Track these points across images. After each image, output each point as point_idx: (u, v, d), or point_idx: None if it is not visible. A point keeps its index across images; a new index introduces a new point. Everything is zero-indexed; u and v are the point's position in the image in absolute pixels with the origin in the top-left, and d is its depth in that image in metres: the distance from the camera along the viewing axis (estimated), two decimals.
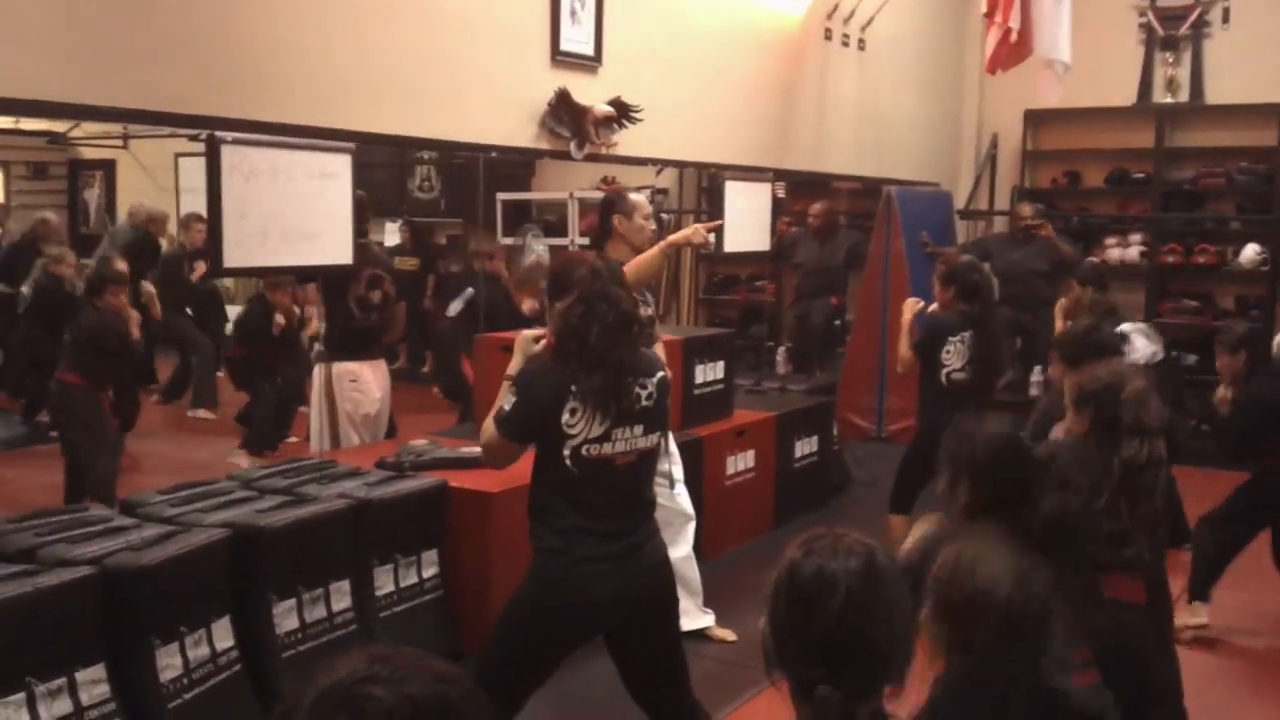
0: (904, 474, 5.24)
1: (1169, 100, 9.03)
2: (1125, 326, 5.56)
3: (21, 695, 2.97)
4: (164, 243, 8.92)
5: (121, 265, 6.49)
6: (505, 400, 2.94)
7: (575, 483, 2.89)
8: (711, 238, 4.38)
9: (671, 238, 4.38)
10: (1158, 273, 8.94)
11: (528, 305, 7.02)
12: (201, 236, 7.93)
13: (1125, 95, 9.04)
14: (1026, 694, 1.95)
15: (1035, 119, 9.34)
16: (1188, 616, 4.74)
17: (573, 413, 2.86)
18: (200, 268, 7.73)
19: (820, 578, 1.64)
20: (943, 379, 5.06)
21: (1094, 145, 9.27)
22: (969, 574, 1.97)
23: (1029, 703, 1.95)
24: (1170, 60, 9.03)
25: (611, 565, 2.92)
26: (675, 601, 3.22)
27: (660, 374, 3.07)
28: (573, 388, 2.86)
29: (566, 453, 2.88)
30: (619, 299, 2.94)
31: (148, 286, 6.07)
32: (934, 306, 5.23)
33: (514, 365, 3.02)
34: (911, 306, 5.26)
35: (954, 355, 5.05)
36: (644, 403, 2.96)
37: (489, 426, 2.97)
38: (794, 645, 1.65)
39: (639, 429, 2.96)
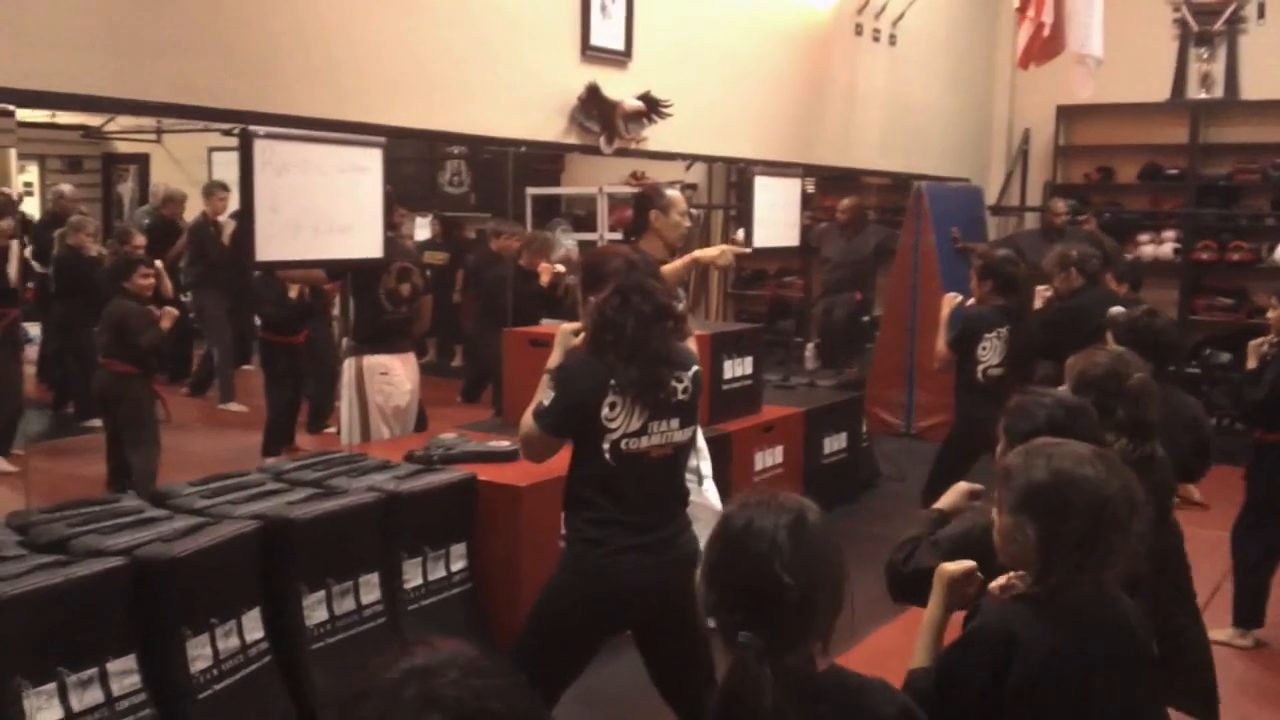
0: (940, 467, 5.19)
1: (1203, 95, 8.94)
2: None
3: (53, 685, 3.00)
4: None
5: (138, 240, 6.52)
6: (544, 394, 2.93)
7: (613, 476, 2.89)
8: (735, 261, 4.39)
9: (700, 254, 4.37)
10: (1191, 269, 8.85)
11: (545, 274, 6.93)
12: (224, 205, 8.01)
13: (1159, 90, 8.96)
14: (1100, 603, 1.96)
15: (1067, 114, 9.27)
16: (1235, 638, 4.62)
17: (612, 406, 2.86)
18: (228, 227, 7.73)
19: (749, 529, 1.73)
20: (979, 374, 5.01)
21: (1127, 141, 9.18)
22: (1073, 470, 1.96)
23: (1100, 615, 1.96)
24: (1205, 55, 8.93)
25: (645, 557, 2.92)
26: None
27: (695, 368, 3.06)
28: (612, 381, 2.86)
29: (606, 446, 2.88)
30: (654, 290, 2.93)
31: (157, 265, 6.08)
32: (971, 300, 5.19)
33: (554, 359, 3.01)
34: (949, 302, 5.22)
35: (990, 351, 5.00)
36: (680, 396, 2.97)
37: (528, 420, 2.96)
38: (719, 591, 1.76)
39: (675, 422, 2.96)
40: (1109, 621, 1.98)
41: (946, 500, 2.52)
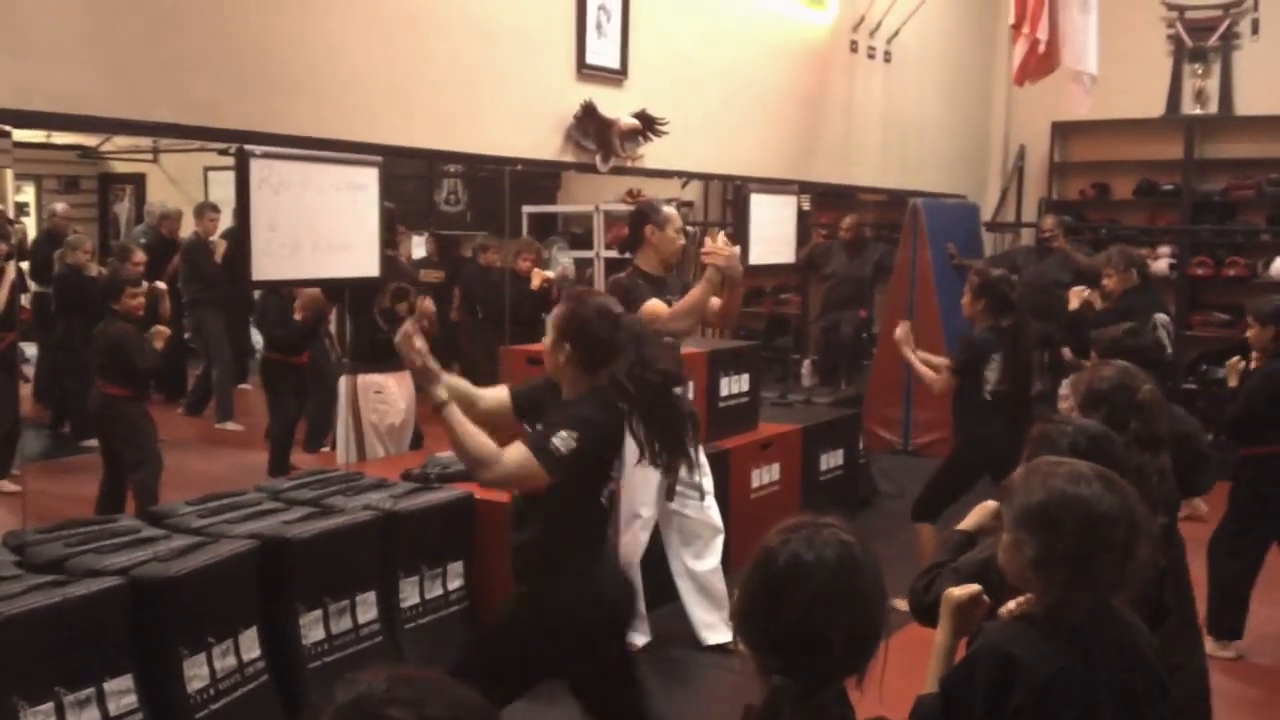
0: (940, 483, 5.19)
1: (1198, 111, 8.98)
2: None
3: (50, 705, 2.99)
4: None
5: (138, 257, 6.51)
6: (558, 439, 2.79)
7: (601, 522, 2.96)
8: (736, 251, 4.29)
9: (710, 258, 4.18)
10: (1188, 285, 8.87)
11: (537, 279, 6.94)
12: (215, 225, 8.04)
13: (1154, 106, 9.00)
14: (1105, 623, 1.95)
15: (1063, 130, 9.30)
16: (1217, 650, 4.62)
17: (616, 457, 2.93)
18: (221, 246, 7.77)
19: (791, 569, 1.65)
20: (985, 394, 5.03)
21: (1123, 156, 9.21)
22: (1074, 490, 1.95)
23: (1105, 635, 1.94)
24: (1199, 71, 8.98)
25: (605, 593, 2.98)
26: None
27: None
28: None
29: (605, 492, 2.92)
30: (660, 360, 2.96)
31: (158, 285, 6.08)
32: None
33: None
34: (903, 332, 5.21)
35: (995, 369, 5.02)
36: None
37: (525, 460, 2.80)
38: (758, 631, 1.68)
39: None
40: (1115, 643, 1.97)
41: (972, 520, 2.48)
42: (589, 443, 2.80)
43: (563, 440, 2.78)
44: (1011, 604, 2.01)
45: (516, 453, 2.81)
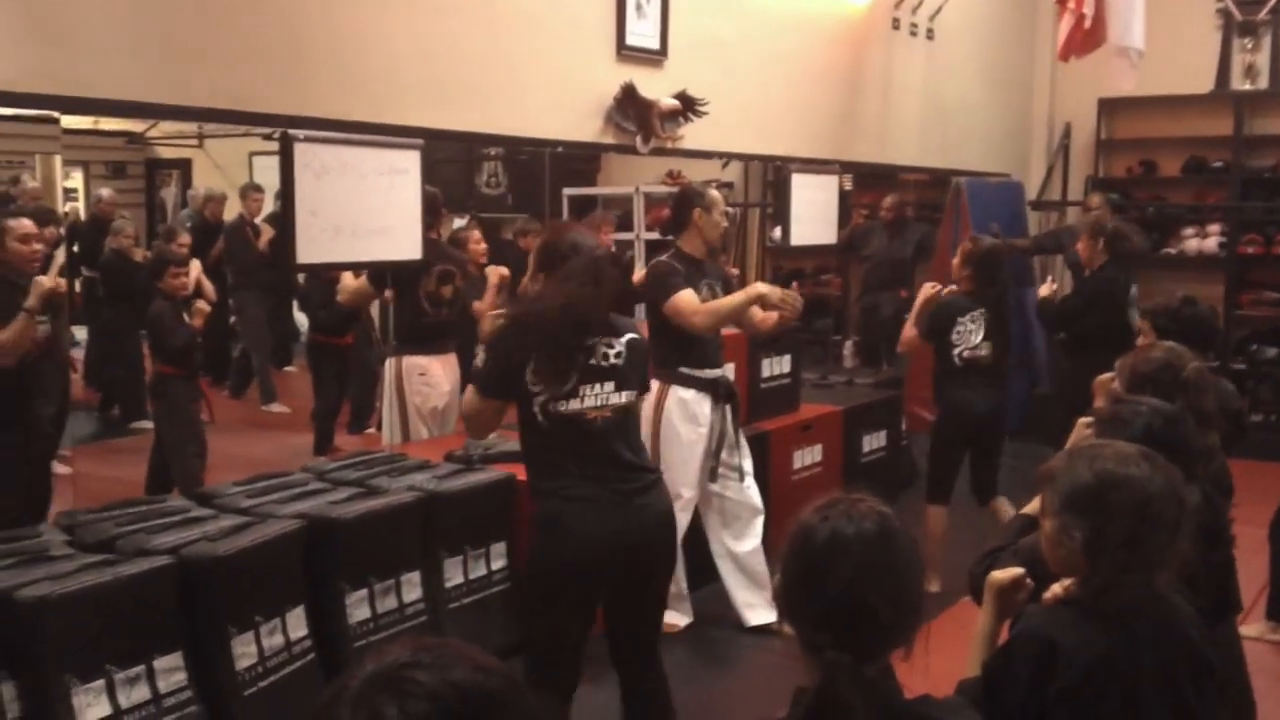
0: (933, 463, 5.24)
1: (1247, 87, 8.81)
2: None
3: (101, 682, 3.04)
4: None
5: (183, 239, 6.57)
6: (479, 359, 3.12)
7: (551, 435, 3.00)
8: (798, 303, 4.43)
9: (763, 290, 4.34)
10: (1237, 263, 8.72)
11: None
12: (258, 205, 8.11)
13: (1202, 82, 8.83)
14: (1150, 606, 1.93)
15: (1109, 107, 9.16)
16: (1267, 633, 4.58)
17: (534, 372, 2.97)
18: (266, 231, 7.83)
19: (832, 545, 1.65)
20: (955, 359, 5.09)
21: (1170, 133, 9.06)
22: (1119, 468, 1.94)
23: (1149, 618, 1.93)
24: (1249, 46, 8.80)
25: (603, 506, 3.01)
26: (671, 563, 3.28)
27: (630, 335, 3.13)
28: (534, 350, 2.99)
29: (536, 409, 2.98)
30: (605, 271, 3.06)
31: (194, 263, 6.13)
32: (950, 288, 5.19)
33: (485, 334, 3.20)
34: (928, 290, 5.21)
35: (965, 334, 5.08)
36: (612, 360, 3.05)
37: (468, 391, 3.13)
38: (804, 609, 1.68)
39: (609, 385, 3.03)
40: (1160, 626, 1.94)
41: (1034, 505, 2.46)
42: (491, 355, 3.07)
43: (480, 358, 3.10)
44: (1056, 587, 1.99)
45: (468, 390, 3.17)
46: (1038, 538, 2.22)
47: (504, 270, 5.50)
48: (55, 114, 3.76)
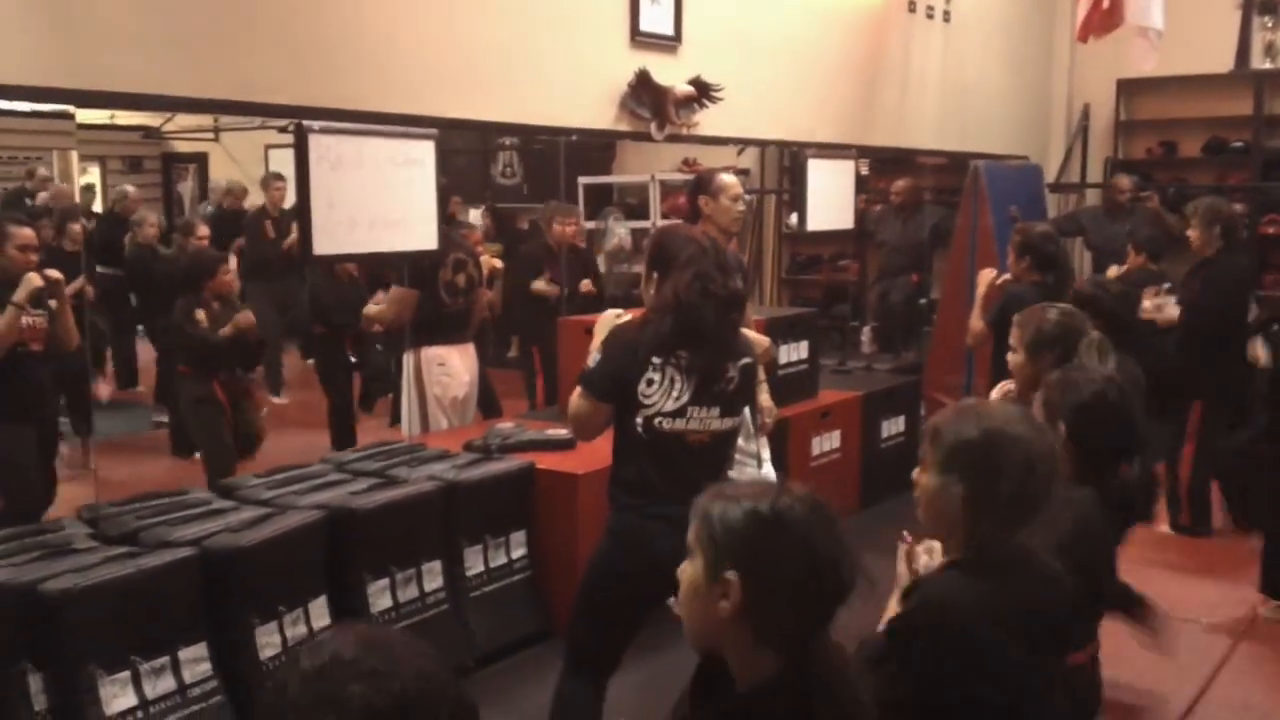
0: None
1: (1268, 66, 8.71)
2: None
3: (127, 673, 3.07)
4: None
5: (201, 231, 6.61)
6: (590, 360, 2.96)
7: (647, 446, 2.92)
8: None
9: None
10: (1258, 244, 8.64)
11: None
12: (280, 195, 8.10)
13: (1222, 62, 8.74)
14: (1026, 563, 1.98)
15: (1128, 88, 9.09)
16: (1265, 610, 4.59)
17: (649, 383, 2.88)
18: (291, 232, 7.80)
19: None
20: None
21: (1190, 114, 8.98)
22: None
23: (1025, 572, 1.98)
24: (1269, 24, 8.70)
25: (678, 529, 2.94)
26: None
27: (746, 359, 3.04)
28: (654, 359, 2.87)
29: (639, 421, 2.90)
30: (729, 279, 2.94)
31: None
32: (1006, 276, 5.14)
33: (596, 342, 3.02)
34: (988, 277, 5.16)
35: None
36: (727, 386, 2.96)
37: (575, 392, 3.01)
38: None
39: (715, 410, 2.95)
40: (1039, 581, 1.98)
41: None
42: (605, 353, 2.93)
43: (592, 359, 2.95)
44: (925, 557, 2.09)
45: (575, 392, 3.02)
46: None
47: (497, 262, 5.48)
48: (71, 109, 3.76)
